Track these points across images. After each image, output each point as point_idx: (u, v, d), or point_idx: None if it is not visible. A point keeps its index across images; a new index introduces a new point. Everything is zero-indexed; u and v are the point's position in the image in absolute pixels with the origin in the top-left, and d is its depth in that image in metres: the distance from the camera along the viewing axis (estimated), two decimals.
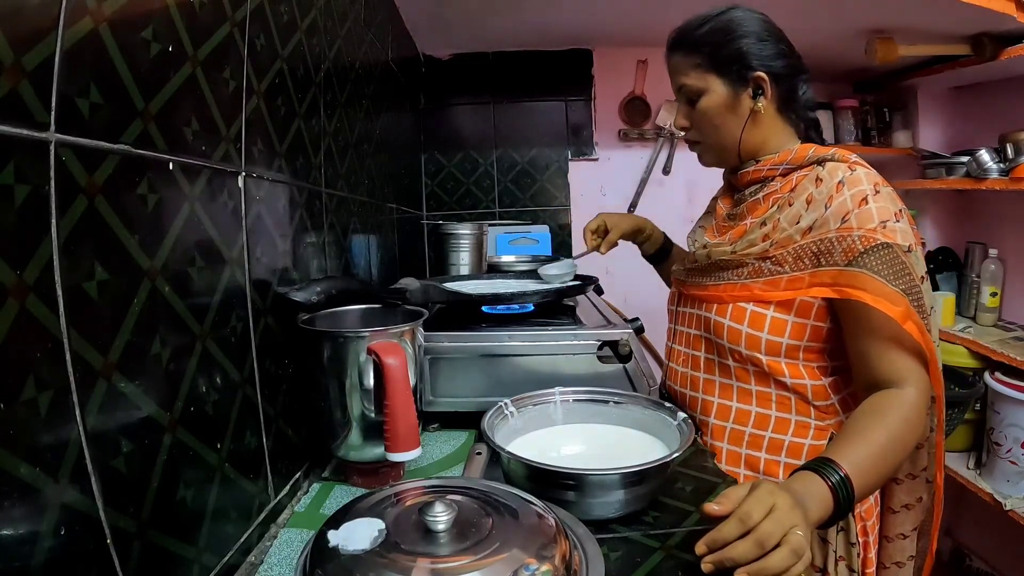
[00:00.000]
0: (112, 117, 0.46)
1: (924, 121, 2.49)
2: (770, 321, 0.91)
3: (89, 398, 0.42)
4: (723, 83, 0.94)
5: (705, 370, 1.01)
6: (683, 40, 0.97)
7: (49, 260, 0.39)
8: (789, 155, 0.94)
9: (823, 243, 0.86)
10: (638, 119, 2.44)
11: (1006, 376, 1.86)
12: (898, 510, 0.96)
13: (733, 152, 0.99)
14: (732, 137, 0.97)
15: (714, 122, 0.97)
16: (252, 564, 0.65)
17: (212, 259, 0.61)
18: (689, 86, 0.97)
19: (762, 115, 0.94)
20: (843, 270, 0.84)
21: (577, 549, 0.56)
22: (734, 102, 0.95)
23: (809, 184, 0.90)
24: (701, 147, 1.03)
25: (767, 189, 0.97)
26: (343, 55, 1.12)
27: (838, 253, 0.85)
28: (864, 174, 0.88)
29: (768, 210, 0.94)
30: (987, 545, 2.25)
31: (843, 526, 0.92)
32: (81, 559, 0.41)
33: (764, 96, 0.93)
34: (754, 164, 0.98)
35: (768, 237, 0.92)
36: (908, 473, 0.95)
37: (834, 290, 0.85)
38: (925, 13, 1.75)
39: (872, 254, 0.83)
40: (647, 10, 1.88)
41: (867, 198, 0.85)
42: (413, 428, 0.74)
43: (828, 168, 0.90)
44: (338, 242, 1.05)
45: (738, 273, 0.95)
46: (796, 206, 0.90)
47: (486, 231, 1.80)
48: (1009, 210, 2.22)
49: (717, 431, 0.98)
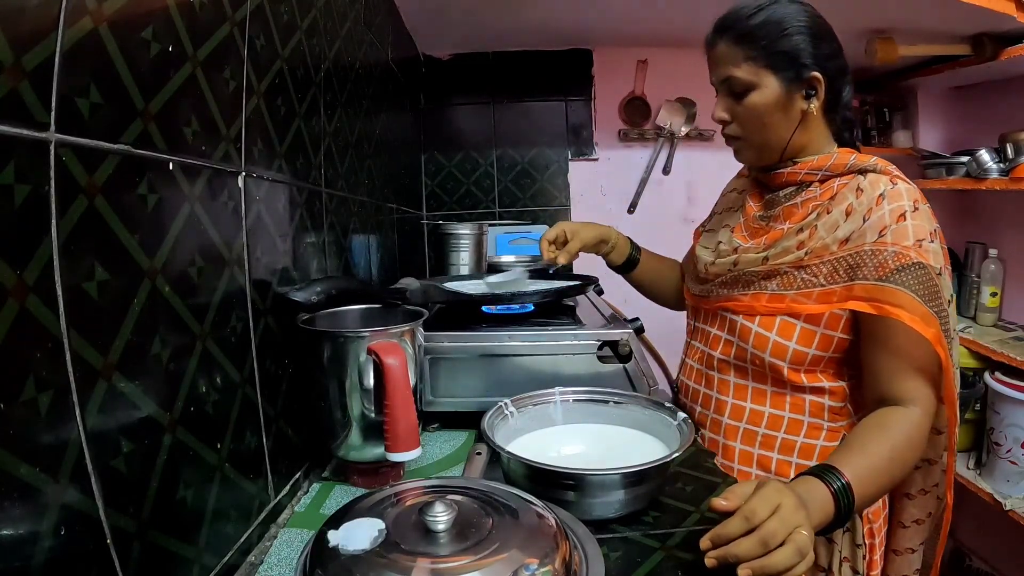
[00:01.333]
0: (112, 117, 0.46)
1: (924, 121, 2.49)
2: (799, 332, 0.90)
3: (89, 398, 0.42)
4: (777, 80, 0.89)
5: (720, 370, 1.00)
6: (735, 27, 0.90)
7: (49, 260, 0.39)
8: (828, 161, 0.91)
9: (858, 255, 0.85)
10: (638, 119, 2.44)
11: (1006, 376, 1.86)
12: (908, 525, 0.96)
13: (777, 152, 0.94)
14: (780, 138, 0.92)
15: (763, 120, 0.91)
16: (252, 564, 0.65)
17: (212, 259, 0.61)
18: (739, 79, 0.90)
19: (811, 117, 0.91)
20: (882, 286, 0.82)
21: (577, 549, 0.56)
22: (787, 102, 0.90)
23: (849, 194, 0.88)
24: (741, 143, 0.97)
25: (805, 194, 0.93)
26: (343, 55, 1.12)
27: (870, 267, 0.83)
28: (905, 189, 0.86)
29: (806, 216, 0.91)
30: (987, 545, 2.25)
31: (849, 527, 0.91)
32: (81, 559, 0.41)
33: (817, 98, 0.90)
34: (791, 165, 0.94)
35: (804, 245, 0.89)
36: (920, 489, 0.95)
37: (872, 305, 0.82)
38: (925, 13, 1.75)
39: (906, 272, 0.81)
40: (647, 10, 1.88)
41: (905, 214, 0.84)
42: (413, 428, 0.74)
43: (870, 179, 0.88)
44: (338, 242, 1.05)
45: (768, 284, 0.93)
46: (835, 215, 0.88)
47: (486, 231, 1.80)
48: (1009, 210, 2.21)
49: (730, 430, 0.98)
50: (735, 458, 0.98)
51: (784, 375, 0.92)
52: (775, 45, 0.88)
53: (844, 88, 0.94)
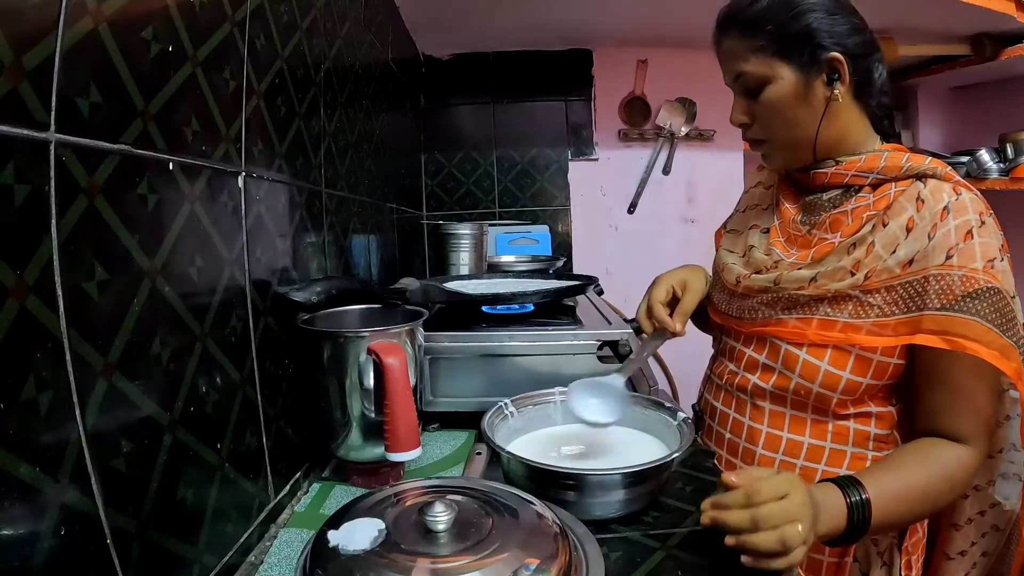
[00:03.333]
0: (112, 117, 0.46)
1: (924, 121, 2.49)
2: (854, 361, 0.79)
3: (89, 398, 0.42)
4: (792, 69, 0.79)
5: (754, 395, 0.88)
6: (737, 18, 0.81)
7: (49, 260, 0.39)
8: (878, 162, 0.80)
9: (924, 281, 0.74)
10: (638, 119, 2.44)
11: None
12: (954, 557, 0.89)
13: (808, 150, 0.83)
14: (807, 133, 0.81)
15: (784, 116, 0.81)
16: (252, 564, 0.65)
17: (212, 259, 0.61)
18: (750, 73, 0.80)
19: (839, 103, 0.79)
20: (952, 316, 0.72)
21: (577, 549, 0.56)
22: (807, 91, 0.79)
23: (908, 204, 0.77)
24: (767, 147, 0.86)
25: (855, 201, 0.82)
26: (343, 55, 1.12)
27: (934, 295, 0.74)
28: (970, 200, 0.77)
29: (859, 229, 0.79)
30: None
31: (886, 561, 0.84)
32: (81, 559, 0.41)
33: (841, 82, 0.78)
34: (833, 165, 0.83)
35: (860, 264, 0.77)
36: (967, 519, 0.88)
37: (944, 340, 0.73)
38: (925, 13, 1.75)
39: (977, 299, 0.72)
40: (647, 10, 1.88)
41: (972, 231, 0.74)
42: (413, 428, 0.74)
43: (931, 188, 0.77)
44: (338, 242, 1.05)
45: (818, 307, 0.81)
46: (893, 229, 0.76)
47: (486, 231, 1.80)
48: (1009, 210, 2.21)
49: (764, 462, 0.86)
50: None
51: (831, 405, 0.82)
52: (784, 29, 0.78)
53: (875, 68, 0.81)
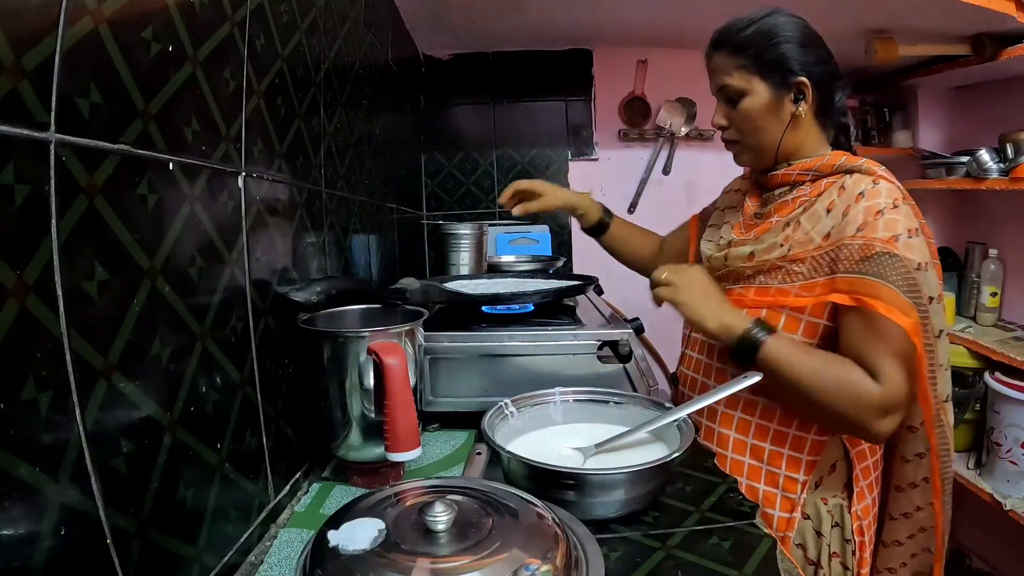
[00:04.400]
0: (112, 117, 0.46)
1: (924, 121, 2.49)
2: (785, 320, 0.93)
3: (89, 398, 0.42)
4: (767, 86, 0.96)
5: (719, 359, 1.02)
6: (727, 40, 0.98)
7: (49, 260, 0.39)
8: (821, 161, 0.96)
9: (839, 249, 0.89)
10: (638, 119, 2.44)
11: (1006, 376, 1.86)
12: (896, 517, 0.99)
13: (771, 154, 1.00)
14: (772, 140, 0.98)
15: (755, 124, 0.98)
16: (252, 564, 0.65)
17: (212, 259, 0.61)
18: (732, 86, 0.98)
19: (801, 119, 0.96)
20: (860, 277, 0.86)
21: (577, 549, 0.55)
22: (776, 106, 0.96)
23: (834, 191, 0.93)
24: (739, 147, 1.03)
25: (796, 192, 0.98)
26: (343, 55, 1.12)
27: (843, 260, 0.88)
28: (886, 188, 0.90)
29: (794, 210, 0.96)
30: (987, 545, 2.25)
31: (837, 522, 0.94)
32: (81, 559, 0.41)
33: (805, 101, 0.95)
34: (786, 166, 1.00)
35: (789, 239, 0.94)
36: (910, 482, 0.97)
37: (852, 298, 0.86)
38: (925, 13, 1.75)
39: (875, 261, 0.85)
40: (647, 10, 1.88)
41: (883, 211, 0.87)
42: (413, 428, 0.74)
43: (854, 179, 0.92)
44: (338, 242, 1.05)
45: (756, 279, 0.98)
46: (817, 209, 0.93)
47: (486, 231, 1.80)
48: (1009, 210, 2.21)
49: (725, 419, 0.99)
50: (729, 446, 0.99)
51: None
52: (764, 53, 0.95)
53: (836, 93, 0.99)
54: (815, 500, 0.95)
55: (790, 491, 0.95)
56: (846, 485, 0.96)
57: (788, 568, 0.62)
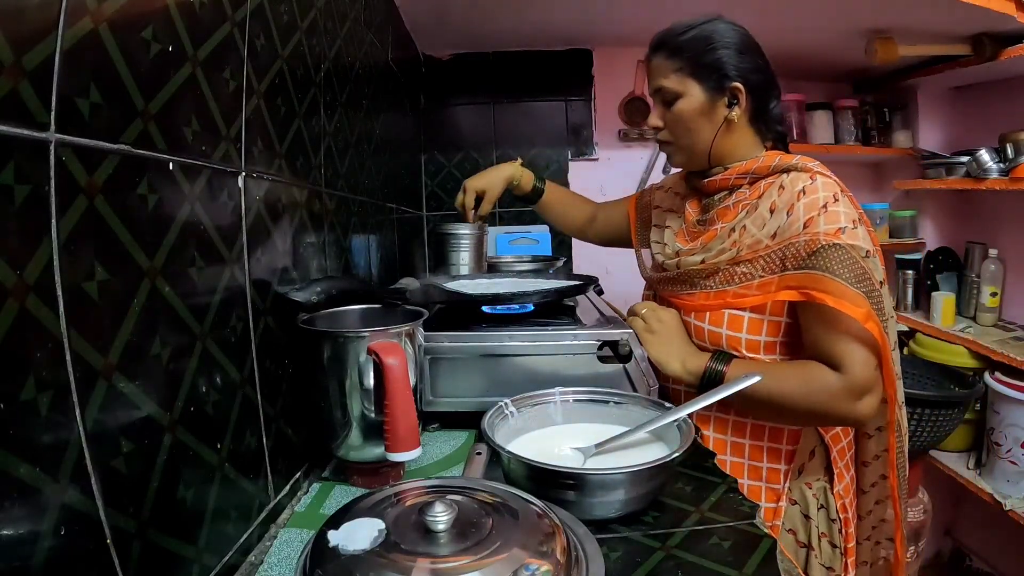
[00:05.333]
0: (112, 117, 0.46)
1: (924, 121, 2.49)
2: (748, 322, 0.96)
3: (89, 398, 0.42)
4: (701, 89, 0.98)
5: None
6: (666, 44, 1.01)
7: (49, 260, 0.39)
8: (756, 163, 0.98)
9: (787, 248, 0.91)
10: (638, 119, 2.44)
11: (1006, 376, 1.86)
12: (867, 490, 1.03)
13: (703, 156, 1.02)
14: (704, 142, 1.00)
15: (688, 126, 1.00)
16: (252, 564, 0.65)
17: (212, 259, 0.61)
18: (668, 88, 1.00)
19: (735, 124, 0.98)
20: (808, 273, 0.88)
21: (577, 549, 0.55)
22: (710, 109, 0.98)
23: (774, 192, 0.95)
24: (672, 148, 1.06)
25: (736, 196, 1.01)
26: (343, 55, 1.12)
27: (791, 258, 0.91)
28: (823, 183, 0.93)
29: (737, 215, 0.99)
30: (987, 545, 2.25)
31: (822, 504, 0.99)
32: (81, 559, 0.41)
33: (738, 106, 0.97)
34: (722, 171, 1.01)
35: (737, 243, 0.96)
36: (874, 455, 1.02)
37: (800, 293, 0.89)
38: (925, 13, 1.75)
39: (821, 255, 0.87)
40: (647, 10, 1.88)
41: (826, 205, 0.90)
42: (413, 428, 0.74)
43: (791, 177, 0.95)
44: (338, 242, 1.05)
45: (710, 282, 1.00)
46: (761, 211, 0.95)
47: (486, 231, 1.80)
48: (1009, 210, 2.21)
49: (702, 420, 1.02)
50: (710, 444, 1.01)
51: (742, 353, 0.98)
52: (700, 58, 0.97)
53: (770, 100, 1.02)
54: (800, 485, 0.99)
55: (773, 482, 0.98)
56: (827, 468, 1.00)
57: (788, 568, 0.62)
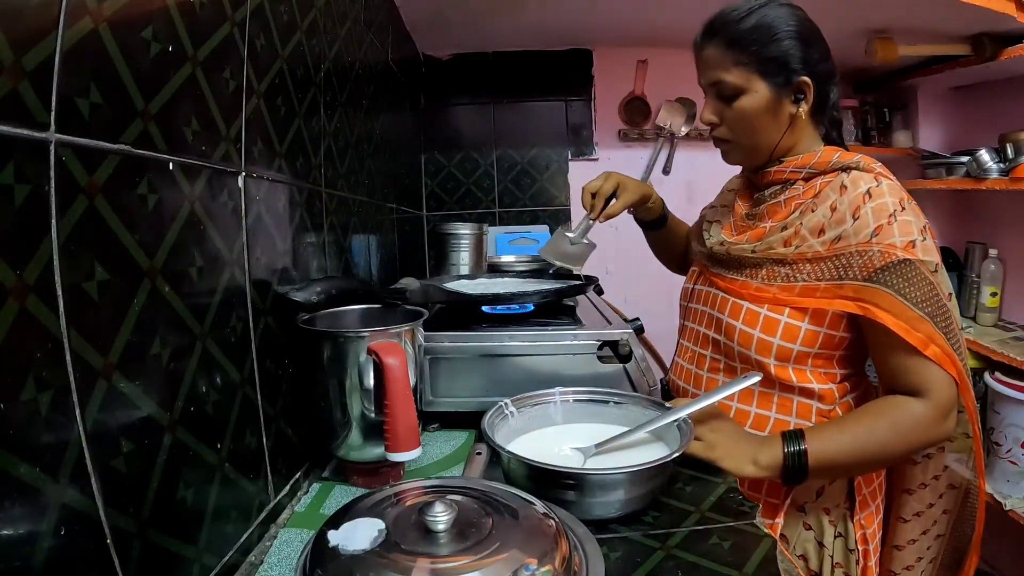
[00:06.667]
0: (112, 117, 0.46)
1: (924, 121, 2.49)
2: (783, 327, 0.89)
3: (89, 398, 0.42)
4: (767, 86, 0.89)
5: (710, 369, 0.99)
6: (724, 30, 0.90)
7: (49, 260, 0.39)
8: (813, 159, 0.92)
9: (845, 257, 0.85)
10: (638, 119, 2.44)
11: (1006, 376, 1.86)
12: (909, 519, 0.97)
13: (766, 155, 0.95)
14: (769, 141, 0.93)
15: (752, 124, 0.92)
16: (252, 564, 0.65)
17: (212, 259, 0.61)
18: (729, 83, 0.90)
19: (799, 119, 0.91)
20: (865, 286, 0.83)
21: (577, 549, 0.56)
22: (776, 106, 0.90)
23: (833, 192, 0.88)
24: (730, 146, 0.97)
25: (789, 192, 0.94)
26: (343, 55, 1.12)
27: (857, 268, 0.84)
28: (889, 187, 0.86)
29: (790, 215, 0.92)
30: (987, 545, 2.24)
31: (840, 532, 0.92)
32: (81, 559, 0.41)
33: (805, 101, 0.90)
34: (777, 164, 0.95)
35: (789, 243, 0.90)
36: (920, 483, 0.96)
37: (857, 306, 0.84)
38: (925, 13, 1.75)
39: (892, 271, 0.82)
40: (647, 10, 1.88)
41: (895, 213, 0.83)
42: (413, 428, 0.74)
43: (853, 177, 0.88)
44: (338, 242, 1.05)
45: (754, 273, 0.94)
46: (819, 214, 0.88)
47: (486, 231, 1.80)
48: (1009, 210, 2.21)
49: None
50: None
51: (772, 372, 0.91)
52: (765, 51, 0.88)
53: (832, 90, 0.94)
54: (818, 510, 0.92)
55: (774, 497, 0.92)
56: (848, 495, 0.93)
57: (788, 568, 0.62)
